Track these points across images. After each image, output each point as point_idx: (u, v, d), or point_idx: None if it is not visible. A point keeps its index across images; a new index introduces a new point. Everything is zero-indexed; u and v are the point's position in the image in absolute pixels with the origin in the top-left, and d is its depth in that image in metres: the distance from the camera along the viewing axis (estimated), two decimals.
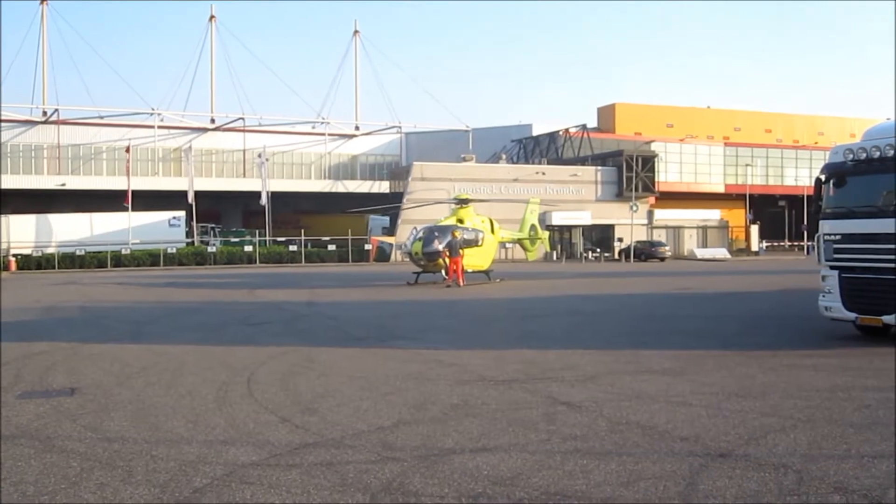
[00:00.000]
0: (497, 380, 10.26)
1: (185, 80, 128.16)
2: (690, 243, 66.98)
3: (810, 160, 72.13)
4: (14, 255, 50.19)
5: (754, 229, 71.68)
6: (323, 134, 72.63)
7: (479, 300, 24.30)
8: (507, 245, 48.13)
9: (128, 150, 57.41)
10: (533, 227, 39.45)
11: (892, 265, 12.24)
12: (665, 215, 66.85)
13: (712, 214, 70.08)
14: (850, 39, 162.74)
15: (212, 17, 71.87)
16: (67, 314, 20.92)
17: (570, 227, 63.97)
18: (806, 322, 15.70)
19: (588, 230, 64.52)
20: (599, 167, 65.81)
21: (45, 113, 65.39)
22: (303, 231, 57.38)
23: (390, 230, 60.70)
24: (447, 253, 29.34)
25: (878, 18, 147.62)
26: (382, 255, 57.14)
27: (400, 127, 75.42)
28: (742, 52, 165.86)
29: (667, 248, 59.46)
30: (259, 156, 61.35)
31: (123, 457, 6.83)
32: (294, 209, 70.10)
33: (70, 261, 50.66)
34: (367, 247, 57.11)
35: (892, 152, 12.31)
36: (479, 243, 31.87)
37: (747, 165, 72.01)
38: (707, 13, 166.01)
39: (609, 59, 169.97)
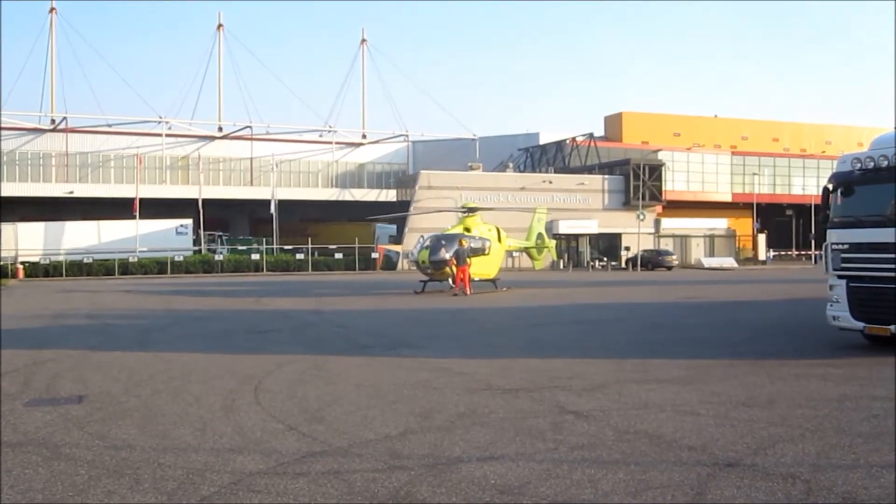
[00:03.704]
0: (504, 388, 10.24)
1: (193, 89, 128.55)
2: (697, 252, 66.89)
3: (818, 169, 72.05)
4: (22, 263, 50.35)
5: (762, 238, 71.59)
6: (330, 142, 72.72)
7: (486, 309, 24.30)
8: (514, 254, 48.16)
9: (140, 161, 57.56)
10: (540, 235, 39.46)
11: None
12: (672, 224, 66.83)
13: (719, 223, 70.01)
14: (858, 48, 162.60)
15: (220, 25, 72.14)
16: (75, 322, 20.98)
17: (576, 236, 63.97)
18: (814, 331, 15.64)
19: (595, 239, 64.50)
20: (606, 176, 65.82)
21: (53, 121, 65.66)
22: (310, 239, 57.46)
23: (397, 238, 60.77)
24: (454, 261, 29.36)
25: (886, 26, 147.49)
26: (389, 263, 57.18)
27: (407, 135, 75.55)
28: (749, 60, 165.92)
29: (674, 256, 59.45)
30: (276, 165, 61.51)
31: (131, 464, 6.84)
32: (301, 217, 70.24)
33: (78, 268, 50.79)
34: (374, 255, 57.15)
35: None
36: (486, 252, 31.89)
37: (754, 174, 71.94)
38: (714, 22, 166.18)
39: (616, 68, 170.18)
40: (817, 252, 53.40)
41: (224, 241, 64.27)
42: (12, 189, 58.67)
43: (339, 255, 56.96)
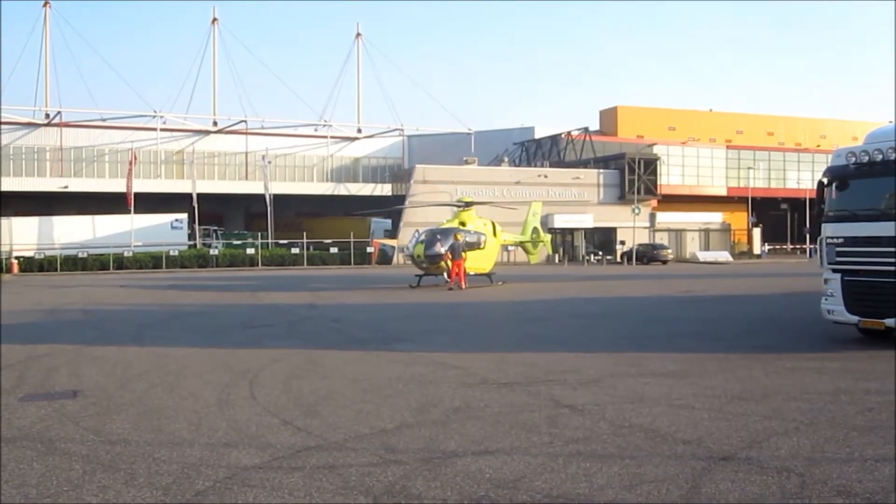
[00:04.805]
0: (499, 382, 10.25)
1: (188, 83, 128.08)
2: (692, 246, 66.97)
3: (812, 163, 72.14)
4: (16, 258, 50.24)
5: (756, 232, 71.71)
6: (325, 136, 72.69)
7: (482, 303, 24.29)
8: (510, 248, 48.14)
9: (131, 164, 57.39)
10: (535, 229, 39.45)
11: (895, 268, 12.22)
12: (667, 218, 66.84)
13: (714, 217, 70.08)
14: (852, 42, 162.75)
15: (214, 19, 72.00)
16: (70, 316, 20.93)
17: (572, 230, 64.00)
18: (808, 325, 15.68)
19: (590, 233, 64.54)
20: (602, 170, 65.83)
21: (47, 115, 65.48)
22: (305, 233, 57.43)
23: (392, 233, 60.74)
24: (449, 256, 29.34)
25: (881, 20, 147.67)
26: (384, 257, 57.15)
27: (402, 129, 75.47)
28: (744, 54, 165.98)
29: (669, 250, 59.45)
30: (262, 157, 61.50)
31: (126, 459, 6.83)
32: (296, 212, 70.13)
33: (72, 263, 50.70)
34: (369, 249, 57.12)
35: (894, 155, 12.29)
36: (482, 246, 31.87)
37: (749, 168, 72.00)
38: (709, 16, 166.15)
39: (611, 62, 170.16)
40: (812, 246, 53.50)
41: (219, 235, 64.22)
42: (6, 184, 58.48)
43: (334, 250, 56.95)
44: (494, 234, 33.38)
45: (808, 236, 62.99)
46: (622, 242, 61.51)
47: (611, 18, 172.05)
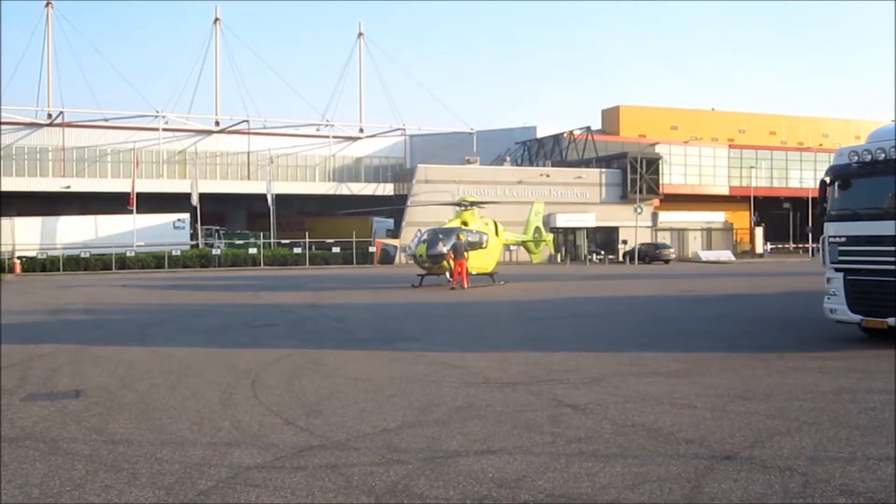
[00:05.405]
0: (502, 382, 10.25)
1: (190, 83, 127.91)
2: (695, 245, 66.89)
3: (815, 162, 72.06)
4: (19, 258, 50.28)
5: (759, 231, 71.63)
6: (327, 136, 72.65)
7: (484, 302, 24.29)
8: (512, 247, 48.12)
9: (133, 164, 57.42)
10: (537, 229, 39.44)
11: None
12: (669, 217, 66.78)
13: (717, 216, 69.99)
14: (854, 40, 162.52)
15: (216, 19, 71.97)
16: (72, 316, 20.95)
17: (574, 230, 63.95)
18: (811, 324, 15.66)
19: (592, 232, 64.48)
20: (604, 169, 65.77)
21: (50, 115, 65.49)
22: (307, 233, 57.41)
23: (394, 232, 60.70)
24: (452, 255, 29.35)
25: (881, 20, 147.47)
26: (387, 257, 57.12)
27: (404, 129, 75.38)
28: (746, 53, 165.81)
29: (671, 250, 59.36)
30: (274, 159, 61.45)
31: (128, 459, 6.84)
32: (298, 211, 70.12)
33: (75, 263, 50.73)
34: (372, 249, 57.11)
35: None
36: (484, 245, 31.88)
37: (752, 167, 71.92)
38: (711, 15, 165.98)
39: (613, 62, 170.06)
40: (814, 245, 53.44)
41: (221, 235, 64.22)
42: (9, 184, 58.50)
43: (336, 250, 56.94)
44: (496, 233, 33.38)
45: (810, 235, 62.88)
46: (624, 242, 61.44)
47: (611, 18, 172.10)
